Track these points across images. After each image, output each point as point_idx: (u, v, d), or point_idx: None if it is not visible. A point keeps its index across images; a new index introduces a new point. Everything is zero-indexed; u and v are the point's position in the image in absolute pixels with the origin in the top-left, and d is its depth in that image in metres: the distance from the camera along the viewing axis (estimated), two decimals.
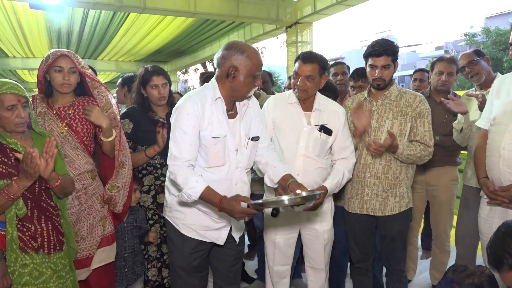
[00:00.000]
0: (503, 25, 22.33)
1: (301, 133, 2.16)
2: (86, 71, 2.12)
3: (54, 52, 2.06)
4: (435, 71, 2.87)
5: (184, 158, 1.79)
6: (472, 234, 2.65)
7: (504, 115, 2.00)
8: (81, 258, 2.13)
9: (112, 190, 2.17)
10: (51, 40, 8.50)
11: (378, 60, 2.17)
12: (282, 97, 2.27)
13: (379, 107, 2.26)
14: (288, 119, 2.20)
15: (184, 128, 1.80)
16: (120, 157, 2.18)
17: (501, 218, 2.01)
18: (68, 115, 2.12)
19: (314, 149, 2.16)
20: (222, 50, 1.83)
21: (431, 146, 2.21)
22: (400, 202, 2.25)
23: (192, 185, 1.74)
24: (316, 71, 2.10)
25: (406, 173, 2.26)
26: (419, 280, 3.24)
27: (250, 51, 1.82)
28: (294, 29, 6.37)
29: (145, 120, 2.49)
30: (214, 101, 1.84)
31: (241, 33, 7.93)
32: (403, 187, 2.26)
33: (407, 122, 2.21)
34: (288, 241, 2.30)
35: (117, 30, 7.77)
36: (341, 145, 2.21)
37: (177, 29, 7.73)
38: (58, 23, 7.16)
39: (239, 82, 1.82)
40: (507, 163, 1.93)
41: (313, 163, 2.16)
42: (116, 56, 10.37)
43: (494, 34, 20.87)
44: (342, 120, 2.21)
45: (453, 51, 31.90)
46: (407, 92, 2.27)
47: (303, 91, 2.13)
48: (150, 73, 2.46)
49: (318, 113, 2.19)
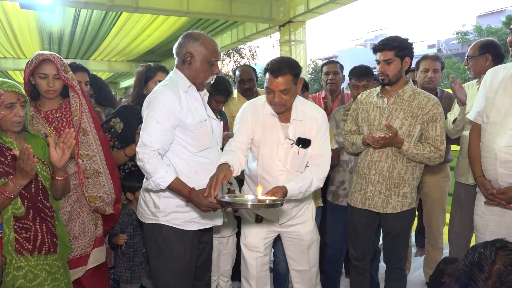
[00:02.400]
0: (494, 23, 22.52)
1: (279, 149, 2.05)
2: (67, 76, 2.08)
3: (37, 56, 2.03)
4: (421, 69, 2.91)
5: (154, 147, 1.80)
6: (465, 231, 2.67)
7: (499, 114, 1.96)
8: (75, 257, 2.13)
9: (94, 201, 2.16)
10: (42, 40, 8.43)
11: (379, 54, 2.19)
12: (258, 104, 2.11)
13: (391, 105, 2.22)
14: (265, 131, 2.07)
15: (157, 117, 1.81)
16: (92, 165, 2.15)
17: (498, 216, 2.02)
18: (55, 118, 2.12)
19: (293, 165, 2.07)
20: (179, 39, 1.93)
21: (442, 150, 2.17)
22: (403, 201, 2.23)
23: (162, 174, 1.77)
24: (290, 82, 1.94)
25: (412, 173, 2.23)
26: (413, 278, 3.26)
27: (204, 38, 1.90)
28: (287, 28, 6.37)
29: (137, 121, 2.44)
30: (186, 90, 1.90)
31: (234, 32, 7.91)
32: (407, 187, 2.23)
33: (416, 124, 2.17)
34: (267, 244, 2.23)
35: (109, 30, 7.71)
36: (315, 152, 2.08)
37: (170, 28, 7.70)
38: (49, 23, 7.09)
39: (196, 68, 1.89)
40: (504, 165, 1.91)
41: (295, 175, 2.06)
42: (109, 56, 10.31)
43: (486, 32, 21.07)
44: (321, 126, 2.09)
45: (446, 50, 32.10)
46: (421, 94, 2.21)
47: (281, 106, 1.99)
48: (154, 69, 2.43)
49: (296, 124, 2.06)
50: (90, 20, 7.05)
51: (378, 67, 2.23)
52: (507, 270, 1.25)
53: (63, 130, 2.10)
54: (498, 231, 1.98)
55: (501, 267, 1.26)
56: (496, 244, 1.32)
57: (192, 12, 5.77)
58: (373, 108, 2.28)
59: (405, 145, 2.13)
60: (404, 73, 2.22)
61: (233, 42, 8.06)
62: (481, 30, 21.56)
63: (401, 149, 2.15)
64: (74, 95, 2.14)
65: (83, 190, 2.14)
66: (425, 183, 2.96)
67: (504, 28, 20.51)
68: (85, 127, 2.16)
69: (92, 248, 2.20)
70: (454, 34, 24.49)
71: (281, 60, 1.97)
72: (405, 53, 2.16)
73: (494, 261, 1.28)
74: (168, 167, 1.81)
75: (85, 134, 2.16)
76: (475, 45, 2.66)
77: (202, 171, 1.88)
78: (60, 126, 2.11)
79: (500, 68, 2.06)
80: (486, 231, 2.00)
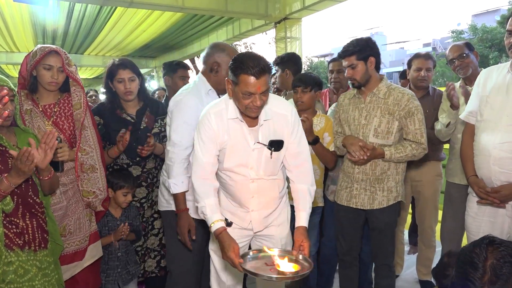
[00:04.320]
0: (489, 23, 22.62)
1: (250, 156, 1.84)
2: (71, 70, 2.10)
3: (42, 48, 2.03)
4: (413, 68, 2.92)
5: (183, 145, 2.05)
6: (457, 229, 2.68)
7: (492, 112, 1.97)
8: (70, 253, 2.13)
9: (88, 196, 2.17)
10: (36, 34, 8.34)
11: (343, 61, 2.27)
12: (221, 110, 1.83)
13: (368, 104, 2.28)
14: (230, 139, 1.82)
15: (185, 119, 2.06)
16: (88, 160, 2.15)
17: (491, 217, 2.01)
18: (54, 113, 2.12)
19: (266, 170, 1.88)
20: (206, 49, 2.17)
21: (423, 143, 2.24)
22: (388, 196, 2.28)
23: (177, 182, 2.07)
24: (268, 81, 1.75)
25: (396, 167, 2.28)
26: (406, 275, 3.28)
27: (229, 49, 2.16)
28: (283, 24, 6.34)
29: (113, 119, 2.43)
30: (207, 93, 2.14)
31: (229, 28, 7.88)
32: (391, 182, 2.28)
33: (394, 121, 2.22)
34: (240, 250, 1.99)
35: (104, 25, 7.64)
36: (293, 151, 1.89)
37: (165, 24, 7.64)
38: (43, 17, 7.02)
39: (222, 76, 2.11)
40: (498, 162, 1.90)
41: (267, 181, 1.91)
42: (103, 51, 10.22)
43: (481, 31, 21.15)
44: (293, 123, 1.87)
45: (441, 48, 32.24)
46: (396, 89, 2.25)
47: (259, 109, 1.75)
48: (116, 66, 2.40)
49: (265, 126, 1.83)
50: (84, 14, 6.98)
51: (345, 73, 2.30)
52: (500, 263, 1.27)
53: (62, 124, 2.11)
54: (491, 232, 1.97)
55: (493, 261, 1.27)
56: (484, 241, 1.33)
57: (187, 7, 5.73)
58: (352, 109, 2.34)
59: (386, 154, 2.20)
60: (375, 71, 2.27)
61: (229, 39, 8.02)
62: (476, 29, 21.63)
63: (384, 159, 2.21)
64: (76, 89, 2.14)
65: (79, 183, 2.14)
66: (418, 181, 2.97)
67: (498, 28, 20.62)
68: (85, 123, 2.16)
69: (88, 244, 2.20)
70: (449, 33, 24.56)
71: (260, 58, 1.70)
72: (368, 54, 2.21)
73: (486, 257, 1.29)
74: (185, 179, 2.08)
75: (84, 129, 2.15)
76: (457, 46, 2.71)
77: None
78: (59, 121, 2.12)
79: (494, 68, 2.08)
80: (479, 232, 2.00)
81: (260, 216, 1.94)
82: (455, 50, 2.68)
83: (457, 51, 2.67)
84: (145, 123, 2.49)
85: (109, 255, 2.39)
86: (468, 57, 2.64)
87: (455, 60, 2.67)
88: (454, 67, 2.72)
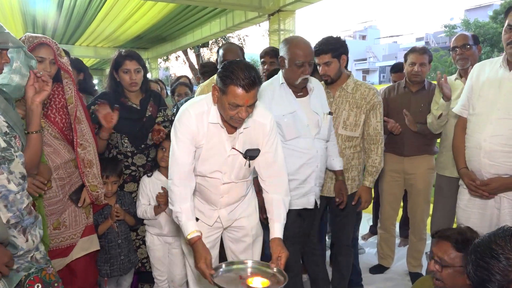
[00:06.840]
0: (482, 18, 22.74)
1: (224, 162, 1.82)
2: (63, 61, 2.04)
3: (30, 39, 1.93)
4: (408, 62, 2.93)
5: None
6: (447, 222, 2.71)
7: (484, 105, 1.99)
8: (64, 247, 2.12)
9: (96, 190, 2.17)
10: (26, 24, 8.20)
11: (318, 58, 2.36)
12: (203, 112, 1.77)
13: (337, 99, 2.44)
14: (207, 143, 1.79)
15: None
16: (86, 155, 2.13)
17: (480, 209, 2.05)
18: (44, 105, 2.05)
19: (238, 176, 1.88)
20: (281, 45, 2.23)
21: (379, 139, 2.41)
22: (352, 184, 2.48)
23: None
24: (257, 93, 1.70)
25: (358, 158, 2.49)
26: (396, 268, 3.32)
27: (293, 43, 2.16)
28: (276, 17, 6.31)
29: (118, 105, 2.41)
30: (280, 86, 2.21)
31: (223, 20, 7.82)
32: (354, 171, 2.49)
33: (361, 114, 2.40)
34: (212, 242, 2.01)
35: (95, 15, 7.54)
36: (269, 160, 1.87)
37: (158, 15, 7.56)
38: (33, 6, 6.91)
39: (286, 70, 2.19)
40: (488, 155, 1.93)
41: (237, 184, 1.92)
42: (95, 41, 10.09)
43: (474, 26, 21.26)
44: (270, 133, 1.85)
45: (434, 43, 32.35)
46: (363, 85, 2.43)
47: (243, 120, 1.72)
48: (123, 57, 2.41)
49: (244, 133, 1.81)
50: (75, 4, 6.88)
51: (319, 69, 2.41)
52: None
53: (54, 117, 2.06)
54: (480, 224, 2.01)
55: None
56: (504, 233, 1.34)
57: None
58: None
59: (368, 181, 2.44)
60: (344, 69, 2.42)
61: (222, 30, 7.96)
62: (469, 24, 21.75)
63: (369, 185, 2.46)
64: (68, 81, 2.08)
65: (84, 179, 2.13)
66: (411, 174, 2.99)
67: (491, 23, 20.73)
68: (80, 116, 2.12)
69: (80, 236, 2.18)
70: (442, 28, 24.67)
71: (252, 70, 1.63)
72: (340, 52, 2.34)
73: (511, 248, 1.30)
74: None
75: (79, 123, 2.11)
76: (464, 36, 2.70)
77: (291, 156, 2.12)
78: (50, 114, 2.06)
79: (487, 62, 2.10)
80: (468, 224, 2.03)
81: (227, 211, 1.98)
82: (460, 39, 2.68)
83: (462, 41, 2.67)
84: (150, 112, 2.54)
85: (109, 243, 2.39)
86: (470, 48, 2.64)
87: (457, 49, 2.67)
88: (454, 56, 2.71)
